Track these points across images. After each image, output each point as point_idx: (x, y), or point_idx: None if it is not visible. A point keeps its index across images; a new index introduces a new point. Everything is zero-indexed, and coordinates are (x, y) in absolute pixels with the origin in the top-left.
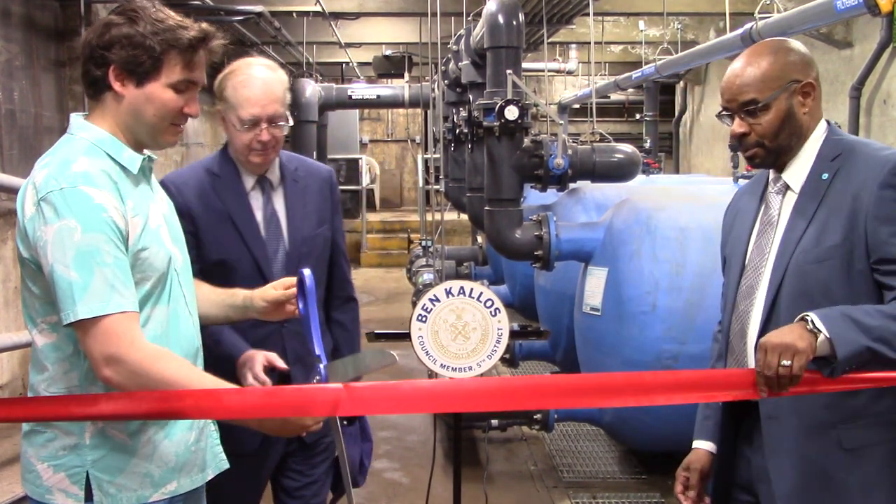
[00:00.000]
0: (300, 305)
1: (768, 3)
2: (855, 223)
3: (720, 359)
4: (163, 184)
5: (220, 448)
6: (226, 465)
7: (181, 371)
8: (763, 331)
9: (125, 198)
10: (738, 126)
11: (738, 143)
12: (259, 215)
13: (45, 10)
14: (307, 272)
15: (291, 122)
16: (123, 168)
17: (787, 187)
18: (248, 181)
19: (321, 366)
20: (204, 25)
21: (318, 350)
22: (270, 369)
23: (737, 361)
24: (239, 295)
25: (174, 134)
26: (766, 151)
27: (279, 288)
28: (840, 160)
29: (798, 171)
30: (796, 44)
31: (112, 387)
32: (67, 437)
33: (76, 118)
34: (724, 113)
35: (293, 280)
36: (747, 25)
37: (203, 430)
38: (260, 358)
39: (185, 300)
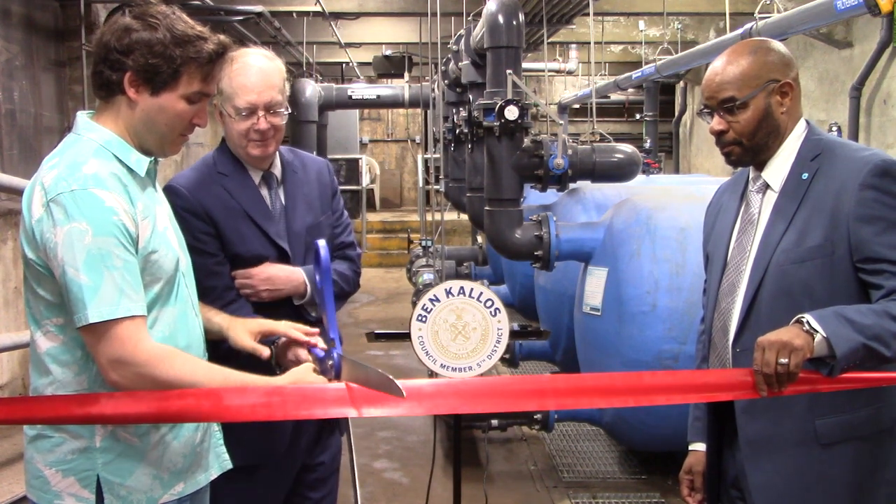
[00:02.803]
0: (316, 278)
1: (768, 3)
2: (836, 224)
3: (704, 360)
4: (172, 188)
5: (224, 448)
6: (229, 465)
7: (186, 368)
8: (742, 328)
9: (134, 200)
10: (716, 123)
11: (716, 139)
12: (270, 210)
13: (45, 10)
14: (322, 243)
15: (289, 111)
16: (131, 171)
17: (766, 186)
18: (255, 177)
19: (335, 353)
20: (222, 37)
21: (333, 333)
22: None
23: (719, 359)
24: (214, 322)
25: (180, 144)
26: (742, 150)
27: (256, 336)
28: (819, 160)
29: (778, 170)
30: (777, 44)
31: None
32: (77, 440)
33: (83, 118)
34: (704, 110)
35: (270, 326)
36: (747, 25)
37: (207, 430)
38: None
39: (192, 302)
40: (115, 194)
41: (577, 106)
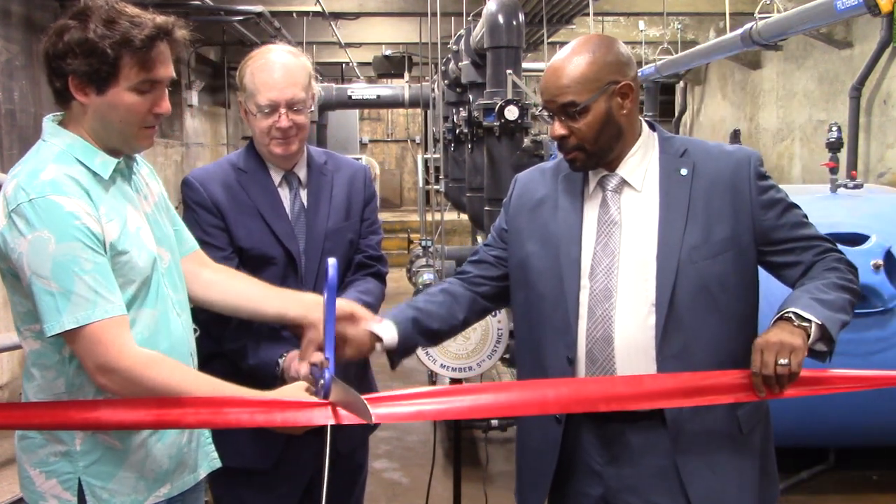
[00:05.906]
0: (325, 296)
1: (768, 3)
2: (738, 214)
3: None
4: (186, 180)
5: (213, 447)
6: (218, 464)
7: (174, 376)
8: (664, 333)
9: (97, 203)
10: (557, 128)
11: (558, 144)
12: (288, 211)
13: (45, 10)
14: (332, 262)
15: (314, 109)
16: (95, 174)
17: (624, 184)
18: (276, 176)
19: (327, 372)
20: (159, 19)
21: (329, 352)
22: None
23: (602, 370)
24: (290, 312)
25: (147, 137)
26: (586, 155)
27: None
28: (690, 156)
29: (637, 168)
30: (616, 42)
31: (108, 393)
32: (58, 443)
33: (48, 123)
34: (544, 112)
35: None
36: (747, 25)
37: (194, 430)
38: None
39: (172, 301)
40: (74, 198)
41: None
